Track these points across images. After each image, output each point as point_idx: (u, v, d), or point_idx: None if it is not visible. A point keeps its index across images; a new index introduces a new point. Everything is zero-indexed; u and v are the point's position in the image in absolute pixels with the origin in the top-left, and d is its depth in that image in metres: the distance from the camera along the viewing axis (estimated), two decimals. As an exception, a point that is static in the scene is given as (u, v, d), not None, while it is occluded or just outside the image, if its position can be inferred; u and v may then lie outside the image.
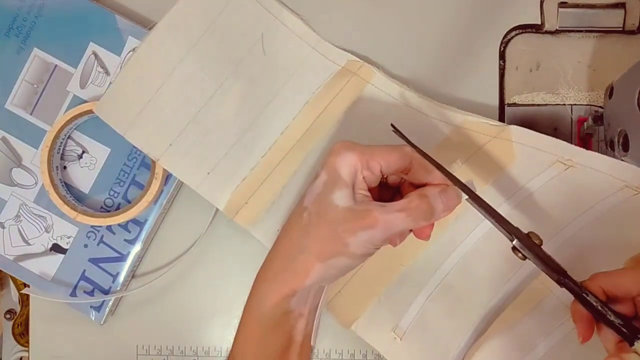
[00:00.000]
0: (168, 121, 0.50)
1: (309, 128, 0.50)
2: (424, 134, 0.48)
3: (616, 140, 0.43)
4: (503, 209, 0.47)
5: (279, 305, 0.38)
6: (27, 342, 0.55)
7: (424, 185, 0.39)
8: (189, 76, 0.50)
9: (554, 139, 0.45)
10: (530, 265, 0.47)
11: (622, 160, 0.44)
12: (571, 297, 0.38)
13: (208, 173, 0.50)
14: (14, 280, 0.57)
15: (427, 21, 0.52)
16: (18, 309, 0.58)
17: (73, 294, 0.53)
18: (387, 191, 0.42)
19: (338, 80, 0.50)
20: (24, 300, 0.57)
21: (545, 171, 0.46)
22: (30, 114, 0.53)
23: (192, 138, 0.50)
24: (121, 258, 0.53)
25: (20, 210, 0.53)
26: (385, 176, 0.40)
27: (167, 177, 0.52)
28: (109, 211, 0.53)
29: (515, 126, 0.46)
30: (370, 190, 0.39)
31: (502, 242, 0.48)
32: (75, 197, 0.53)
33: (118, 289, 0.53)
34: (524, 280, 0.47)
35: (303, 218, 0.38)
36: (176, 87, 0.50)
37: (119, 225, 0.53)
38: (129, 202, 0.53)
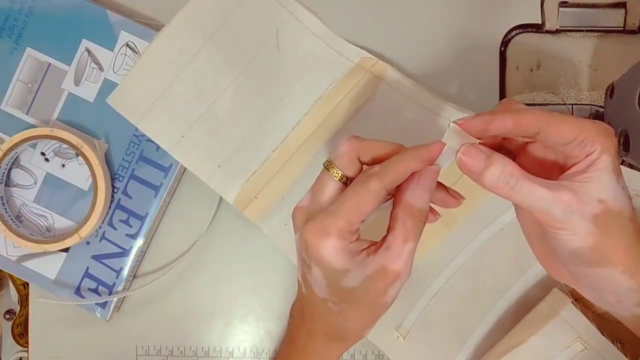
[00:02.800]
0: (181, 113, 0.50)
1: (320, 124, 0.50)
2: (436, 134, 0.48)
3: (617, 140, 0.43)
4: (510, 212, 0.47)
5: None
6: (27, 342, 0.55)
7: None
8: (203, 70, 0.50)
9: None
10: (535, 270, 0.47)
11: (623, 160, 0.44)
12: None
13: (219, 166, 0.50)
14: (14, 280, 0.57)
15: (427, 21, 0.52)
16: (17, 309, 0.58)
17: (77, 292, 0.53)
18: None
19: (351, 77, 0.50)
20: (24, 300, 0.57)
21: None
22: (26, 114, 0.53)
23: (204, 131, 0.50)
24: (124, 253, 0.53)
25: (21, 211, 0.53)
26: None
27: (167, 169, 0.52)
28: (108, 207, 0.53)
29: None
30: None
31: (509, 246, 0.48)
32: (74, 195, 0.53)
33: (122, 284, 0.53)
34: (529, 284, 0.47)
35: (330, 307, 0.37)
36: (190, 80, 0.50)
37: (120, 220, 0.53)
38: (130, 197, 0.53)
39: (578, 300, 0.46)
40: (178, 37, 0.50)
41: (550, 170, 0.36)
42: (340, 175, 0.36)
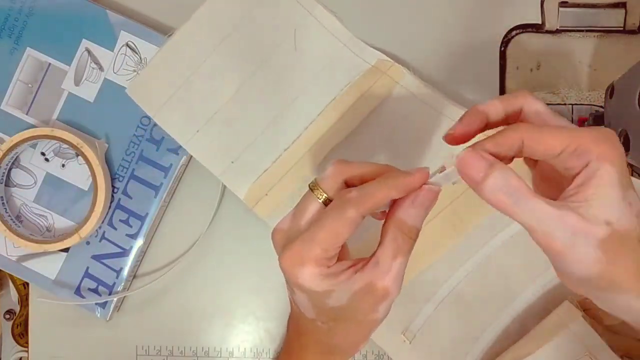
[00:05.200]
0: (197, 108, 0.50)
1: (333, 124, 0.50)
2: None
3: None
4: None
5: None
6: (27, 342, 0.55)
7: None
8: (220, 66, 0.50)
9: None
10: (544, 279, 0.47)
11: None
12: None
13: (232, 162, 0.51)
14: (14, 280, 0.57)
15: (426, 20, 0.52)
16: (17, 309, 0.58)
17: (77, 292, 0.53)
18: None
19: (367, 78, 0.50)
20: (24, 300, 0.57)
21: None
22: (26, 114, 0.53)
23: (219, 127, 0.51)
24: (124, 253, 0.53)
25: (21, 211, 0.53)
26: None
27: (167, 169, 0.52)
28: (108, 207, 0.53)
29: None
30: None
31: (518, 255, 0.48)
32: (73, 195, 0.53)
33: (122, 284, 0.53)
34: (537, 293, 0.47)
35: (319, 326, 0.37)
36: (207, 75, 0.50)
37: (120, 220, 0.53)
38: (130, 197, 0.53)
39: (588, 311, 0.46)
40: (197, 33, 0.50)
41: (556, 189, 0.34)
42: (324, 197, 0.36)
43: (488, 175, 0.30)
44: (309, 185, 0.37)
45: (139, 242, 0.53)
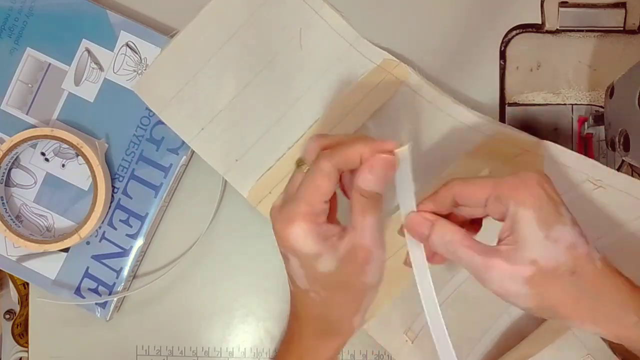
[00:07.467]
0: (202, 106, 0.50)
1: (338, 124, 0.50)
2: (455, 140, 0.48)
3: (617, 140, 0.44)
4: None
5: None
6: (27, 342, 0.55)
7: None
8: (226, 65, 0.50)
9: (586, 158, 0.44)
10: None
11: (623, 160, 0.44)
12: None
13: (236, 160, 0.51)
14: (14, 280, 0.57)
15: (426, 20, 0.52)
16: (17, 309, 0.58)
17: (77, 292, 0.53)
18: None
19: (372, 77, 0.49)
20: (24, 300, 0.57)
21: (574, 189, 0.45)
22: (26, 114, 0.53)
23: (224, 125, 0.51)
24: (124, 253, 0.53)
25: (21, 211, 0.53)
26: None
27: (167, 169, 0.52)
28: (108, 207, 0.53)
29: (548, 142, 0.44)
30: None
31: None
32: (73, 195, 0.53)
33: (122, 284, 0.53)
34: None
35: (313, 298, 0.38)
36: (213, 74, 0.50)
37: (120, 220, 0.53)
38: (130, 197, 0.53)
39: None
40: (203, 31, 0.50)
41: None
42: (308, 168, 0.37)
43: (431, 234, 0.36)
44: (296, 163, 0.39)
45: (139, 242, 0.53)
